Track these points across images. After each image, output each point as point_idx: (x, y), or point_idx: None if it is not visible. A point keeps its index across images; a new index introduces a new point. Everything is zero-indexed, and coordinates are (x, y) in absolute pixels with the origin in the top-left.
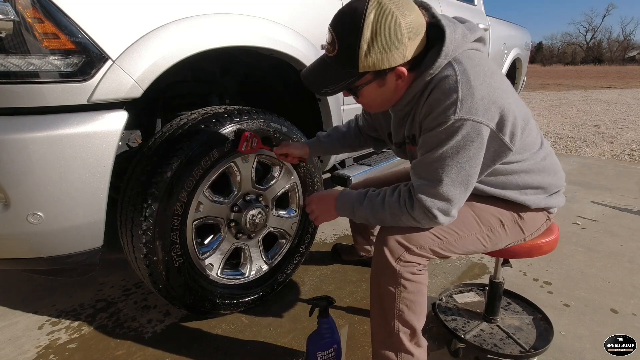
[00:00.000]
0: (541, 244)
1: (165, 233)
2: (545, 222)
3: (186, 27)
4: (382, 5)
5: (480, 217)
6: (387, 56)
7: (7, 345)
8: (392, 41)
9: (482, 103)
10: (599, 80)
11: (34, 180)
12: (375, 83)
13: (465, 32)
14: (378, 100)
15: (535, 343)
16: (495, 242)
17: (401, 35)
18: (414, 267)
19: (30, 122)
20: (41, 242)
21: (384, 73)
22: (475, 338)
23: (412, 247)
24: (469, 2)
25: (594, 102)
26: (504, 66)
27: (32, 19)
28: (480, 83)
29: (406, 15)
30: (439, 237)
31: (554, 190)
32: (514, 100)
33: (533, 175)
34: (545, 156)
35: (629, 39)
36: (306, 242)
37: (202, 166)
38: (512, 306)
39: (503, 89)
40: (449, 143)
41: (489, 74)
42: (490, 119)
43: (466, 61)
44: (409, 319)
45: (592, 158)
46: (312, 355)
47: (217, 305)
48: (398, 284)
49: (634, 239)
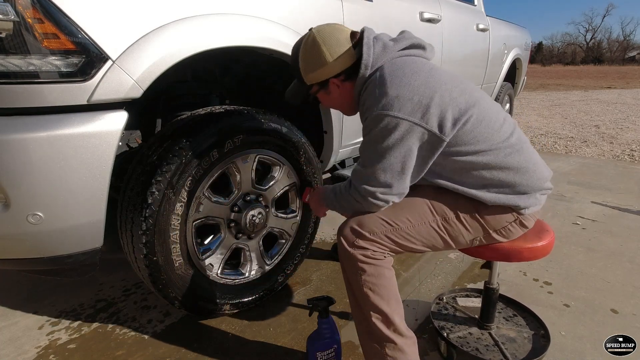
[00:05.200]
0: (531, 248)
1: (165, 233)
2: (515, 222)
3: (186, 28)
4: (311, 37)
5: (434, 206)
6: (318, 73)
7: (7, 346)
8: (316, 63)
9: (396, 100)
10: (598, 81)
11: (34, 180)
12: (323, 91)
13: (387, 44)
14: (334, 103)
15: (524, 357)
16: (455, 235)
17: (322, 58)
18: (367, 251)
19: (30, 122)
20: (41, 242)
21: (325, 84)
22: (459, 339)
23: (365, 232)
24: (469, 2)
25: (593, 102)
26: (504, 66)
27: (32, 19)
28: (397, 84)
29: (327, 42)
30: (390, 223)
31: (522, 191)
32: (447, 94)
33: (494, 172)
34: (512, 152)
35: (629, 39)
36: (306, 242)
37: (202, 166)
38: (516, 319)
39: (428, 85)
40: (370, 134)
41: (408, 75)
42: (408, 113)
43: (388, 67)
44: (376, 302)
45: (592, 158)
46: (312, 355)
47: (217, 306)
48: (357, 268)
49: (634, 239)
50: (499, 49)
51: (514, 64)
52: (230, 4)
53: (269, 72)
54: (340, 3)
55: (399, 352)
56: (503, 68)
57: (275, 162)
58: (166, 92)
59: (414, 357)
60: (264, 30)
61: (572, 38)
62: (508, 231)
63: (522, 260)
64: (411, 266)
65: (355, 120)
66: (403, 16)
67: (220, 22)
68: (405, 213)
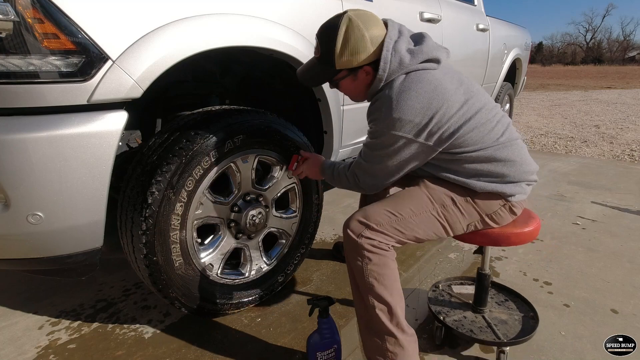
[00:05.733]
0: (519, 232)
1: (165, 233)
2: (504, 207)
3: (186, 28)
4: (351, 20)
5: (432, 195)
6: (355, 57)
7: (7, 346)
8: (357, 47)
9: (398, 122)
10: (598, 81)
11: (34, 180)
12: (350, 78)
13: (403, 61)
14: (355, 91)
15: (514, 337)
16: (452, 221)
17: (364, 43)
18: (374, 241)
19: (30, 122)
20: (41, 243)
21: (355, 70)
22: (454, 322)
23: (372, 224)
24: (469, 2)
25: (593, 102)
26: (504, 66)
27: (32, 19)
28: (401, 107)
29: (369, 28)
30: (394, 214)
31: (509, 181)
32: (447, 112)
33: (484, 164)
34: (501, 148)
35: (629, 39)
36: (306, 242)
37: (202, 166)
38: (508, 303)
39: (429, 107)
40: (372, 141)
41: (413, 97)
42: (407, 132)
43: (397, 86)
44: (380, 292)
45: (592, 158)
46: (312, 355)
47: (217, 306)
48: (363, 257)
49: (634, 239)
50: (499, 49)
51: (514, 64)
52: (230, 4)
53: (269, 72)
54: (341, 3)
55: (399, 348)
56: (503, 68)
57: (276, 163)
58: (166, 92)
59: (414, 354)
60: (263, 30)
61: (572, 38)
62: (499, 216)
63: (510, 244)
64: (411, 266)
65: (355, 121)
66: (403, 16)
67: (220, 22)
68: (407, 204)
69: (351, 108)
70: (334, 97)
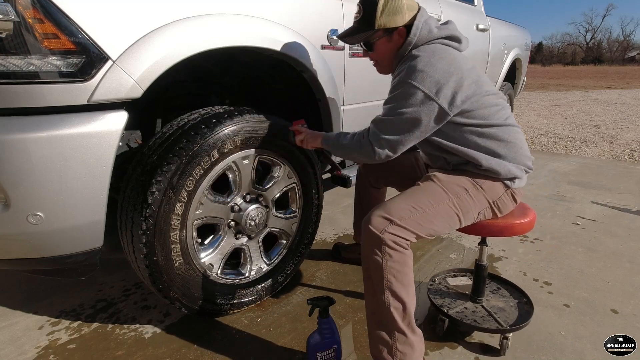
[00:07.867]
0: (515, 224)
1: (165, 233)
2: (507, 192)
3: (186, 28)
4: None
5: (446, 187)
6: (393, 18)
7: (7, 346)
8: (396, 9)
9: (420, 74)
10: (598, 81)
11: (34, 180)
12: (385, 38)
13: (432, 30)
14: (386, 53)
15: (514, 322)
16: (466, 209)
17: (402, 7)
18: (397, 237)
19: (30, 122)
20: (41, 243)
21: (391, 31)
22: (458, 314)
23: (395, 219)
24: (469, 2)
25: (593, 102)
26: (504, 66)
27: (32, 19)
28: (425, 63)
29: None
30: (415, 207)
31: (511, 161)
32: (460, 81)
33: (487, 141)
34: (504, 130)
35: (628, 39)
36: (306, 242)
37: (202, 166)
38: (501, 291)
39: (448, 71)
40: (393, 94)
41: (436, 58)
42: (427, 87)
43: (423, 50)
44: (397, 290)
45: (592, 158)
46: (312, 356)
47: (217, 306)
48: (384, 253)
49: (634, 239)
50: (499, 49)
51: (514, 64)
52: (230, 4)
53: (269, 72)
54: (340, 3)
55: (408, 348)
56: (503, 68)
57: (276, 162)
58: (166, 92)
59: (421, 355)
60: (263, 30)
61: (572, 38)
62: (503, 203)
63: (511, 234)
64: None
65: (354, 121)
66: None
67: (220, 22)
68: (425, 197)
69: (351, 108)
70: (334, 97)
